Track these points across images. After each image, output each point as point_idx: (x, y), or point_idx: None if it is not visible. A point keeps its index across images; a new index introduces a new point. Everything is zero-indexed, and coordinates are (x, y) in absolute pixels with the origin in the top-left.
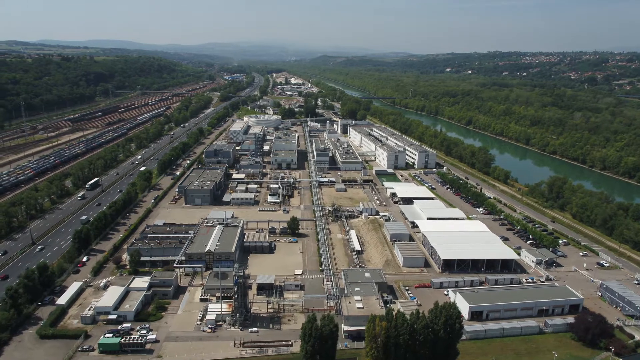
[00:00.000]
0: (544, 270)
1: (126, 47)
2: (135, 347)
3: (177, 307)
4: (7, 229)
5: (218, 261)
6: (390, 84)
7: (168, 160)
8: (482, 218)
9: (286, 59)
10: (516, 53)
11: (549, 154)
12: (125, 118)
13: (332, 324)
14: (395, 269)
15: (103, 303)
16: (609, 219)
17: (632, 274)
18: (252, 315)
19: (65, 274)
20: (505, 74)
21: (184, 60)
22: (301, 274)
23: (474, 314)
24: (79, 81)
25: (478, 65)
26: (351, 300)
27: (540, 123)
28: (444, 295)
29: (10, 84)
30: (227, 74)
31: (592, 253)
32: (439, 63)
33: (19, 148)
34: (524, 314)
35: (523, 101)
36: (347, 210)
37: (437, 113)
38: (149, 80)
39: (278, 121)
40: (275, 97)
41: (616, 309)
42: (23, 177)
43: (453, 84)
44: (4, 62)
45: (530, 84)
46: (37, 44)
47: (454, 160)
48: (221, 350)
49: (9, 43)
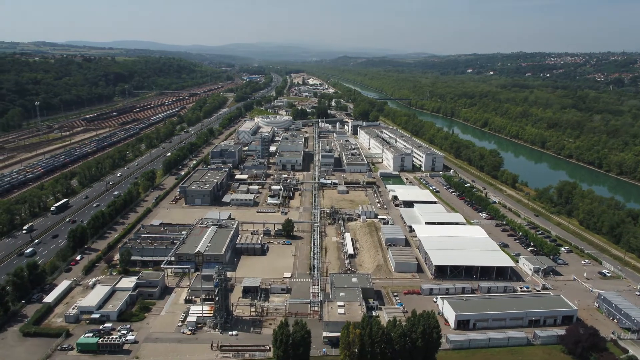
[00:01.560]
0: (541, 279)
1: (150, 48)
2: (112, 347)
3: (162, 308)
4: (8, 226)
5: (208, 262)
6: (408, 85)
7: (174, 160)
8: (484, 223)
9: (307, 59)
10: (540, 54)
11: (564, 158)
12: (139, 118)
13: (304, 330)
14: (386, 274)
15: (86, 302)
16: (616, 227)
17: (635, 285)
18: (233, 318)
19: (57, 272)
20: (528, 75)
21: (205, 60)
22: (290, 277)
23: (460, 323)
24: (98, 81)
25: (500, 66)
26: (333, 306)
27: (558, 126)
28: (433, 302)
29: (31, 84)
30: (246, 74)
31: (595, 262)
32: (460, 64)
33: (32, 147)
34: (514, 324)
35: (542, 103)
36: (345, 213)
37: (452, 115)
38: (168, 81)
39: (289, 122)
40: (291, 97)
41: (613, 321)
42: (31, 175)
43: (472, 85)
44: (27, 62)
45: (552, 85)
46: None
47: (463, 163)
48: (198, 353)
49: (37, 44)
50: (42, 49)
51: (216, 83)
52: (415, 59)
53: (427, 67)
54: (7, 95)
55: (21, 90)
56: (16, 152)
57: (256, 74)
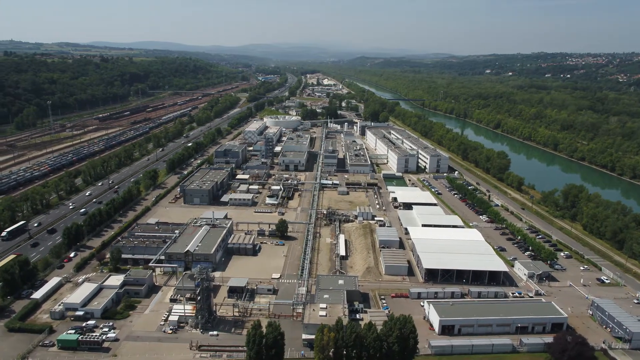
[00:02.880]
0: (535, 284)
1: (169, 49)
2: (92, 344)
3: (147, 306)
4: (10, 222)
5: (197, 262)
6: (423, 85)
7: (178, 160)
8: (484, 226)
9: (325, 60)
10: (561, 54)
11: (577, 161)
12: (151, 117)
13: (277, 332)
14: (376, 276)
15: (72, 299)
16: (619, 232)
17: (635, 292)
18: (216, 318)
19: (50, 268)
20: (548, 75)
21: (223, 61)
22: (279, 278)
23: (444, 328)
24: (114, 81)
25: (520, 67)
26: (315, 308)
27: (572, 127)
28: (420, 306)
29: (47, 84)
30: (262, 74)
31: (594, 268)
32: (479, 64)
33: (43, 145)
34: (501, 330)
35: (558, 104)
36: (342, 214)
37: (465, 116)
38: (183, 81)
39: (297, 122)
40: (304, 98)
41: (606, 329)
42: (38, 173)
43: (488, 85)
44: (44, 62)
45: (571, 86)
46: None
47: (469, 165)
48: (176, 352)
49: (60, 45)
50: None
51: (231, 83)
52: (434, 60)
53: (444, 68)
54: (23, 94)
55: (37, 90)
56: (27, 150)
57: (272, 74)
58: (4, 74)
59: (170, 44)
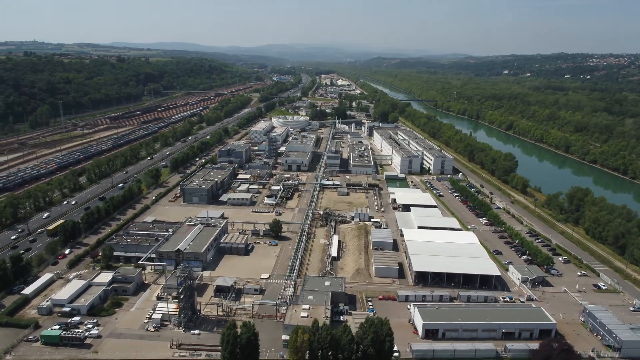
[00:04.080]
0: (528, 289)
1: (187, 49)
2: (74, 340)
3: (133, 304)
4: (11, 219)
5: (187, 261)
6: (437, 86)
7: (181, 159)
8: (483, 229)
9: (341, 60)
10: (582, 55)
11: (588, 163)
12: (161, 117)
13: (250, 333)
14: (365, 278)
15: (59, 295)
16: (621, 237)
17: (632, 300)
18: (199, 317)
19: (44, 265)
20: (567, 76)
21: (240, 61)
22: (268, 278)
23: (428, 332)
24: (128, 81)
25: (538, 68)
26: (297, 309)
27: (586, 129)
28: (407, 309)
29: (62, 83)
30: (277, 75)
31: (592, 273)
32: (497, 65)
33: (53, 144)
34: (486, 335)
35: (574, 106)
36: (339, 215)
37: (478, 117)
38: (197, 81)
39: (305, 122)
40: (316, 98)
41: (597, 337)
42: (44, 171)
43: (503, 86)
44: (60, 62)
45: (589, 87)
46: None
47: (475, 166)
48: (156, 350)
49: (81, 45)
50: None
51: (245, 83)
52: (451, 60)
53: (461, 69)
54: (38, 94)
55: (52, 89)
56: (37, 148)
57: (287, 74)
58: (21, 73)
59: (188, 44)
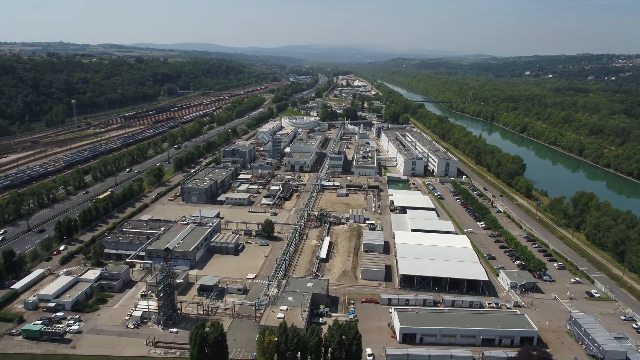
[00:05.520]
0: (517, 295)
1: (208, 50)
2: (54, 335)
3: (118, 300)
4: (14, 215)
5: (176, 259)
6: (454, 87)
7: (186, 158)
8: (479, 232)
9: (361, 61)
10: (608, 56)
11: (602, 167)
12: (174, 117)
13: (218, 332)
14: (351, 280)
15: (45, 291)
16: (621, 243)
17: (624, 308)
18: (179, 316)
19: (37, 260)
20: (591, 78)
21: (260, 62)
22: (254, 278)
23: (405, 336)
24: (145, 82)
25: (561, 69)
26: (275, 310)
27: (602, 132)
28: (389, 313)
29: (80, 83)
30: (295, 75)
31: (587, 280)
32: (518, 66)
33: (65, 142)
34: (465, 341)
35: (592, 108)
36: (334, 216)
37: (493, 119)
38: (214, 81)
39: (314, 123)
40: (330, 99)
41: (581, 346)
42: (52, 168)
43: (522, 88)
44: (79, 63)
45: (612, 89)
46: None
47: (482, 169)
48: (132, 347)
49: (105, 46)
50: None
51: (261, 84)
52: (472, 61)
53: (482, 70)
54: (55, 93)
55: (69, 89)
56: (49, 147)
57: (305, 75)
58: (40, 73)
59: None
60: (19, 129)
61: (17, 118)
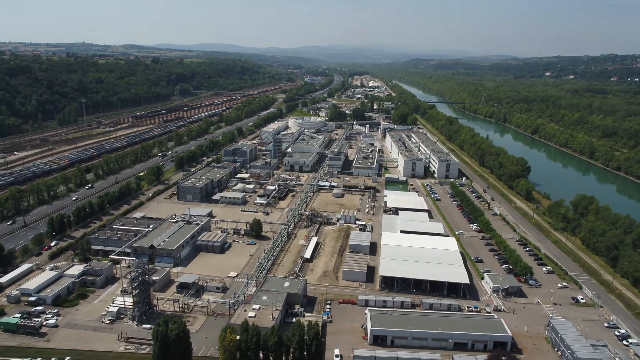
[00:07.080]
0: (498, 299)
1: (227, 50)
2: (30, 329)
3: (98, 296)
4: (13, 211)
5: (160, 256)
6: (469, 88)
7: (187, 158)
8: (471, 235)
9: (379, 61)
10: (632, 56)
11: (612, 170)
12: (183, 116)
13: (180, 330)
14: (332, 281)
15: (28, 285)
16: (614, 248)
17: (609, 315)
18: (155, 312)
19: (27, 255)
20: (614, 79)
21: (277, 62)
22: (235, 276)
23: (376, 338)
24: (159, 82)
25: (583, 70)
26: (247, 308)
27: (615, 134)
28: (364, 314)
29: (94, 83)
30: (310, 76)
31: (575, 285)
32: (539, 67)
33: (73, 140)
34: (437, 345)
35: (607, 109)
36: (325, 217)
37: (505, 120)
38: (228, 81)
39: (321, 123)
40: (342, 99)
41: (557, 352)
42: (56, 166)
43: (539, 89)
44: (94, 63)
45: (634, 90)
46: (150, 47)
47: (485, 171)
48: (104, 342)
49: (126, 47)
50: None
51: (275, 84)
52: (492, 62)
53: (501, 70)
54: (69, 92)
55: (83, 89)
56: (57, 145)
57: (320, 75)
58: (55, 73)
59: (229, 45)
60: (31, 127)
61: (31, 117)
